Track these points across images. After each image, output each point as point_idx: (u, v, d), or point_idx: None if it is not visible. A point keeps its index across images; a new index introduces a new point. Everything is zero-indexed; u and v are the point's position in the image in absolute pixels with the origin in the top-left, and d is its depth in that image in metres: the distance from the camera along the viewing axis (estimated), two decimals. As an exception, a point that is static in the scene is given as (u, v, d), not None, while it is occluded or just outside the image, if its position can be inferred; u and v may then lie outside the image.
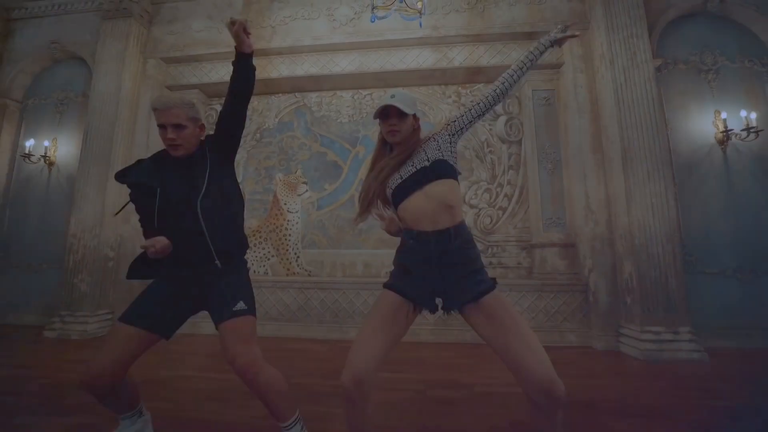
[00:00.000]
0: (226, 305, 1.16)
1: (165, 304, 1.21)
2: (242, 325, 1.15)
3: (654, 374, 2.20)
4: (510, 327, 0.96)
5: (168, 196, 1.19)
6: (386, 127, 1.14)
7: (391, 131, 1.12)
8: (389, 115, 1.12)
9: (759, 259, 2.91)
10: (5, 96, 3.90)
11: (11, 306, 3.63)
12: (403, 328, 1.06)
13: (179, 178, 1.22)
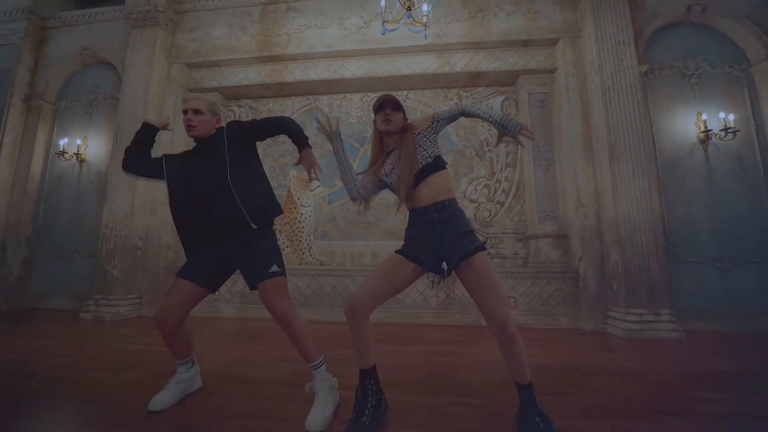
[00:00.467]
0: (263, 268, 1.43)
1: (209, 266, 1.48)
2: (278, 284, 1.42)
3: (635, 349, 2.45)
4: (488, 283, 1.24)
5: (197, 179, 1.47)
6: (382, 116, 1.37)
7: (386, 119, 1.36)
8: (385, 106, 1.38)
9: (737, 249, 3.15)
10: (40, 98, 4.21)
11: (46, 291, 3.93)
12: (405, 279, 1.31)
13: (206, 161, 1.49)
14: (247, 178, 1.47)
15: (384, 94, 1.42)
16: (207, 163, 1.48)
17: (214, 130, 1.55)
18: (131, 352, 2.33)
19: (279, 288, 1.43)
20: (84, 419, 1.38)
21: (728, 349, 2.43)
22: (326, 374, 1.47)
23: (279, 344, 2.55)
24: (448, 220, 1.30)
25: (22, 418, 1.38)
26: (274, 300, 1.39)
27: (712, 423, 1.35)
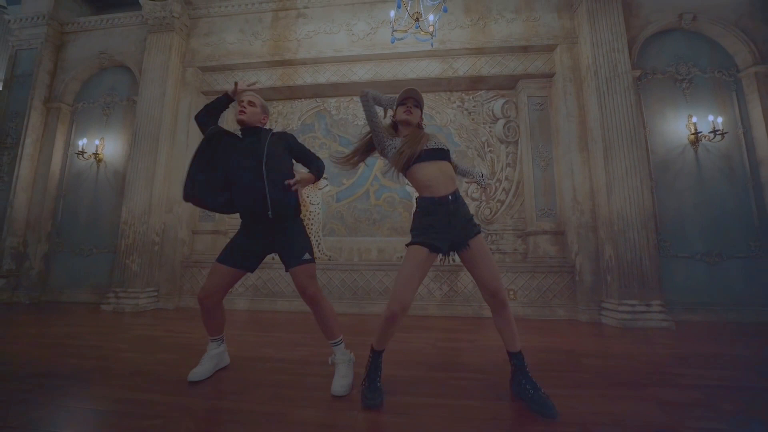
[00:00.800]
0: (296, 255, 1.61)
1: (246, 250, 1.65)
2: (309, 269, 1.61)
3: (626, 336, 2.63)
4: (483, 258, 1.44)
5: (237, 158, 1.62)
6: (405, 108, 1.54)
7: (407, 110, 1.54)
8: (407, 101, 1.56)
9: (724, 245, 3.33)
10: (60, 101, 4.39)
11: (66, 285, 4.11)
12: (427, 270, 1.49)
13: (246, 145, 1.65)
14: (278, 172, 1.64)
15: (409, 88, 1.58)
16: (247, 147, 1.65)
17: (260, 124, 1.74)
18: (158, 338, 2.51)
19: (310, 272, 1.61)
20: (137, 387, 1.56)
21: (714, 337, 2.61)
22: (345, 350, 1.64)
23: (294, 332, 2.73)
24: (458, 209, 1.47)
25: (84, 385, 1.56)
26: (306, 282, 1.58)
27: (689, 391, 1.53)
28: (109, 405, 1.39)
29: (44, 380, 1.64)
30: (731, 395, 1.49)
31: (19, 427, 1.22)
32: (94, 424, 1.26)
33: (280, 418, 1.29)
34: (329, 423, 1.27)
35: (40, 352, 2.09)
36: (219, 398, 1.47)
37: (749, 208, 3.37)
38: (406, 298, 1.38)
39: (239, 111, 1.68)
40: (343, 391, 1.46)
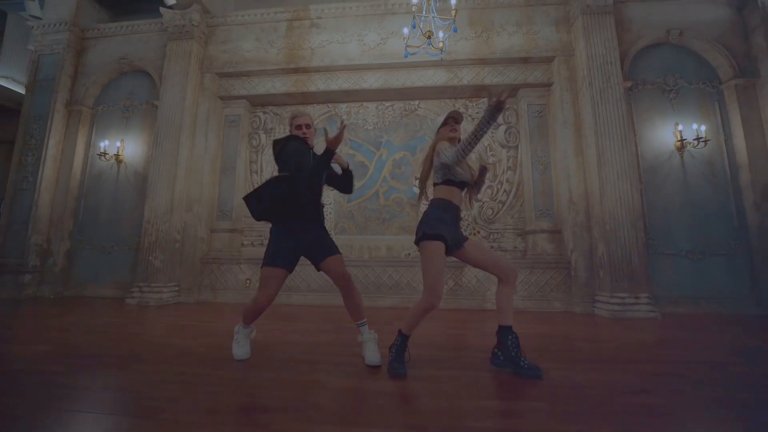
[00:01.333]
0: (331, 247, 1.86)
1: (290, 251, 1.88)
2: (342, 259, 1.86)
3: (616, 325, 2.90)
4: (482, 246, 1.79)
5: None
6: (449, 128, 1.82)
7: (453, 129, 1.83)
8: (449, 121, 1.83)
9: (707, 243, 3.62)
10: (81, 104, 4.58)
11: (88, 280, 4.30)
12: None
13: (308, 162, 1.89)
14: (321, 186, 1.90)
15: (454, 111, 1.87)
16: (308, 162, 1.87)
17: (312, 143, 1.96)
18: (191, 326, 2.74)
19: (343, 262, 1.87)
20: (189, 364, 1.78)
21: (695, 326, 2.89)
22: (369, 330, 1.87)
23: (313, 322, 2.98)
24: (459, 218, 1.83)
25: (142, 364, 1.79)
26: (344, 269, 1.82)
27: (666, 366, 1.79)
28: (170, 377, 1.62)
29: (108, 359, 1.86)
30: (702, 369, 1.76)
31: (101, 390, 1.45)
32: (163, 390, 1.49)
33: (322, 385, 1.53)
34: (364, 388, 1.51)
35: (89, 339, 2.31)
36: (264, 371, 1.70)
37: (729, 209, 3.67)
38: (441, 290, 1.66)
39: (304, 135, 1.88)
40: (378, 361, 1.73)
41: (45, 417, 1.20)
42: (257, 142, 4.62)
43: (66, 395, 1.39)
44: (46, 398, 1.35)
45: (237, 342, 1.89)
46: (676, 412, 1.25)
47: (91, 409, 1.28)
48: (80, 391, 1.44)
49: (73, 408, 1.28)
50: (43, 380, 1.54)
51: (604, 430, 1.12)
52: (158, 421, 1.17)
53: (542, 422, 1.18)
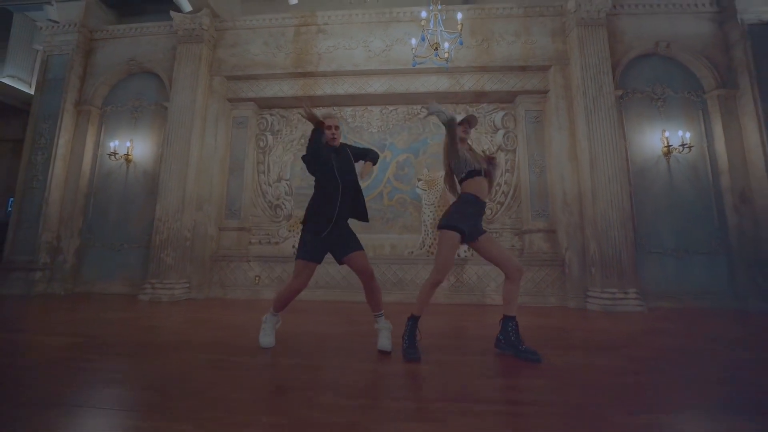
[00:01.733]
0: (355, 243, 2.02)
1: (321, 246, 2.03)
2: (365, 255, 2.03)
3: (607, 317, 3.13)
4: (494, 242, 1.96)
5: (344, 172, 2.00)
6: (465, 131, 2.00)
7: (465, 130, 2.00)
8: (463, 123, 2.00)
9: (690, 242, 3.88)
10: (90, 104, 4.66)
11: (97, 277, 4.39)
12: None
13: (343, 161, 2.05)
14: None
15: (471, 115, 2.03)
16: (345, 162, 2.04)
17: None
18: (207, 320, 2.88)
19: (366, 258, 2.03)
20: (220, 351, 1.94)
21: (679, 319, 3.13)
22: (385, 320, 2.04)
23: (324, 315, 3.14)
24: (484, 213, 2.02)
25: (176, 352, 1.93)
26: (367, 263, 1.99)
27: (651, 351, 2.01)
28: (204, 363, 1.77)
29: (139, 349, 2.01)
30: (684, 353, 1.98)
31: (146, 374, 1.60)
32: (203, 373, 1.64)
33: (345, 368, 1.70)
34: (382, 370, 1.69)
35: (115, 331, 2.44)
36: (289, 358, 1.86)
37: (711, 211, 3.93)
38: (447, 270, 1.90)
39: (332, 137, 2.04)
40: (389, 347, 1.91)
41: (102, 398, 1.35)
42: (264, 143, 4.75)
43: (112, 380, 1.54)
44: (96, 381, 1.50)
45: (264, 331, 2.05)
46: (661, 387, 1.46)
47: (141, 390, 1.43)
48: (124, 375, 1.59)
49: (122, 393, 1.43)
50: (83, 366, 1.68)
51: (600, 401, 1.32)
52: (207, 399, 1.32)
53: (544, 394, 1.38)
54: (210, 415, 1.17)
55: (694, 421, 1.15)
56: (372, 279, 2.00)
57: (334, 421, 1.14)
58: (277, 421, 1.14)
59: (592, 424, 1.13)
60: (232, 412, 1.19)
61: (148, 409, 1.22)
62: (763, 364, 1.80)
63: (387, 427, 1.11)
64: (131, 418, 1.15)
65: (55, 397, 1.31)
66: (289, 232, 4.54)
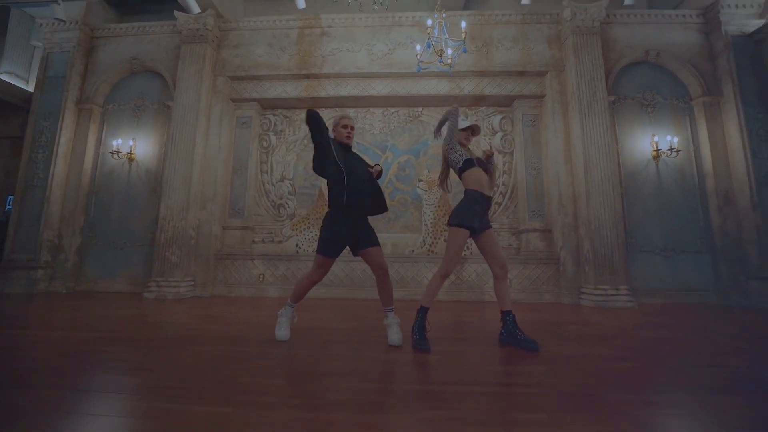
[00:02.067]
0: (373, 238, 2.10)
1: (340, 241, 2.12)
2: (381, 252, 2.11)
3: (600, 313, 3.29)
4: (495, 241, 2.08)
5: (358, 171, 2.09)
6: (467, 138, 2.15)
7: (467, 137, 2.16)
8: (474, 132, 2.16)
9: (677, 242, 4.09)
10: (91, 102, 4.65)
11: (100, 276, 4.40)
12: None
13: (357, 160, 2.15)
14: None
15: (475, 124, 2.19)
16: (359, 162, 2.14)
17: None
18: (217, 316, 2.95)
19: (382, 253, 2.12)
20: (241, 344, 2.02)
21: (667, 313, 3.32)
22: (394, 315, 2.13)
23: (331, 312, 3.24)
24: (489, 207, 2.14)
25: (200, 343, 2.01)
26: (383, 259, 2.08)
27: (641, 342, 2.17)
28: (226, 354, 1.86)
29: (159, 342, 2.08)
30: (671, 343, 2.14)
31: (173, 364, 1.68)
32: (228, 363, 1.73)
33: (361, 358, 1.81)
34: (396, 359, 1.80)
35: (130, 326, 2.50)
36: (306, 349, 1.96)
37: (697, 212, 4.15)
38: (455, 264, 2.04)
39: (348, 137, 2.16)
40: (399, 341, 2.01)
41: (132, 384, 1.44)
42: (267, 143, 4.82)
43: (139, 368, 1.62)
44: (124, 370, 1.58)
45: (280, 324, 2.14)
46: (652, 372, 1.60)
47: (172, 377, 1.52)
48: (150, 364, 1.67)
49: (152, 382, 1.52)
50: (108, 357, 1.76)
51: (597, 383, 1.45)
52: (238, 384, 1.42)
53: (545, 378, 1.51)
54: (244, 398, 1.27)
55: (682, 399, 1.29)
56: (386, 275, 2.09)
57: (359, 401, 1.25)
58: (307, 402, 1.25)
59: (592, 401, 1.26)
60: (264, 395, 1.29)
61: (181, 394, 1.31)
62: (742, 352, 1.97)
63: (406, 406, 1.22)
64: (167, 402, 1.23)
65: (92, 384, 1.39)
66: (292, 231, 4.62)
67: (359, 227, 2.10)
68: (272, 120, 4.87)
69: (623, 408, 1.19)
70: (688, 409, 1.20)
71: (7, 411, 1.14)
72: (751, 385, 1.46)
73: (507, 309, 2.05)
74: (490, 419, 1.13)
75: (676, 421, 1.12)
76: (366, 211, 2.13)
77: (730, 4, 4.24)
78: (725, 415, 1.15)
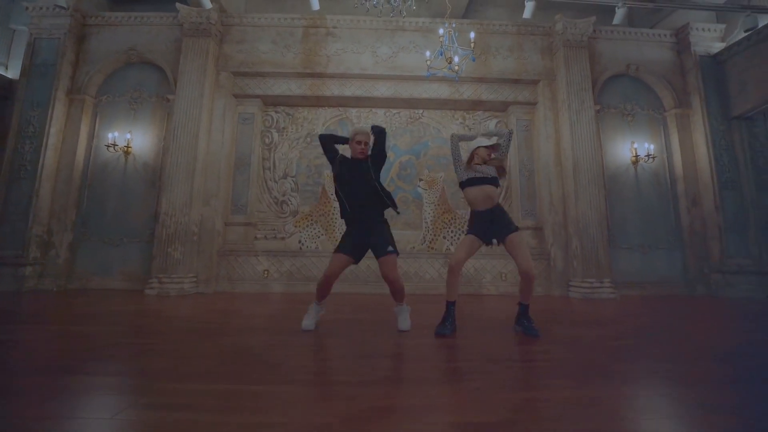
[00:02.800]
0: (382, 249, 2.22)
1: (354, 244, 2.26)
2: (390, 259, 2.21)
3: (586, 303, 3.62)
4: (516, 249, 2.20)
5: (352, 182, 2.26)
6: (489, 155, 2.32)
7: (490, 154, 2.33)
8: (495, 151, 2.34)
9: (652, 239, 4.53)
10: (83, 93, 4.48)
11: (94, 273, 4.26)
12: (477, 249, 2.25)
13: (359, 173, 2.29)
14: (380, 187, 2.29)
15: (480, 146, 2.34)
16: (361, 174, 2.26)
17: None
18: (230, 311, 2.99)
19: (391, 262, 2.22)
20: (261, 334, 2.11)
21: (645, 302, 3.70)
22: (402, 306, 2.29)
23: (341, 305, 3.36)
24: (494, 217, 2.26)
25: (221, 336, 2.08)
26: (386, 270, 2.18)
27: (622, 327, 2.46)
28: (261, 341, 1.95)
29: (185, 334, 2.13)
30: (652, 325, 2.45)
31: (219, 355, 1.77)
32: (266, 348, 1.82)
33: (378, 344, 1.95)
34: (419, 343, 1.97)
35: (147, 321, 2.52)
36: (328, 338, 2.08)
37: (669, 213, 4.61)
38: (458, 257, 2.20)
39: (360, 152, 2.28)
40: (407, 327, 2.20)
41: (186, 368, 1.52)
42: (270, 140, 4.83)
43: (180, 364, 1.69)
44: (164, 355, 1.65)
45: (308, 315, 2.26)
46: (642, 347, 1.86)
47: (225, 362, 1.60)
48: (193, 352, 1.74)
49: (210, 368, 1.60)
50: (142, 348, 1.81)
51: (602, 357, 1.69)
52: (287, 367, 1.53)
53: (556, 353, 1.72)
54: (304, 378, 1.39)
55: (673, 366, 1.55)
56: (392, 284, 2.19)
57: (399, 377, 1.40)
58: (358, 379, 1.38)
59: (605, 370, 1.48)
60: (319, 375, 1.42)
61: (239, 377, 1.41)
62: (707, 332, 2.30)
63: (438, 378, 1.39)
64: (226, 383, 1.33)
65: (144, 370, 1.45)
66: (295, 228, 4.67)
67: (372, 234, 2.24)
68: (274, 117, 4.88)
69: (631, 374, 1.42)
70: (678, 374, 1.44)
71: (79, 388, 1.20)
72: (726, 356, 1.75)
73: (520, 301, 2.25)
74: (527, 384, 1.32)
75: (670, 380, 1.36)
76: (371, 217, 2.25)
77: (698, 27, 4.73)
78: (708, 377, 1.41)
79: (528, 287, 2.24)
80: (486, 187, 2.28)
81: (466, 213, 4.67)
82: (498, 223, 2.23)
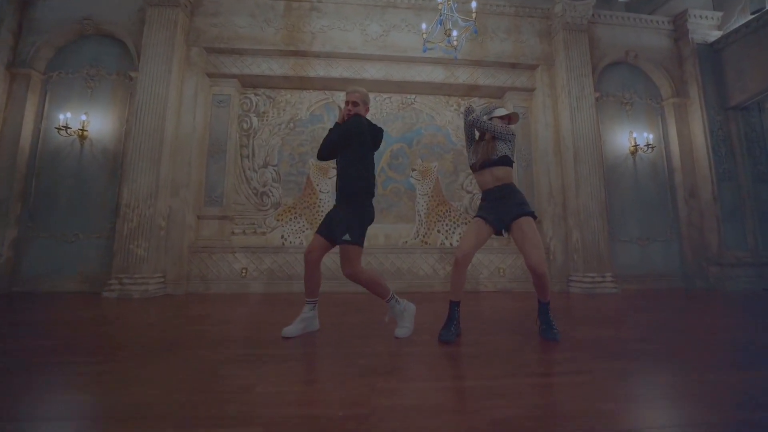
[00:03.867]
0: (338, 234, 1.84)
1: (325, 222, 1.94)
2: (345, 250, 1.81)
3: (588, 299, 3.43)
4: (527, 235, 1.88)
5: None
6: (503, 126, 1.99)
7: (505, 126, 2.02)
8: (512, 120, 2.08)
9: (651, 232, 4.41)
10: (29, 67, 3.90)
11: (44, 274, 3.73)
12: (485, 237, 1.95)
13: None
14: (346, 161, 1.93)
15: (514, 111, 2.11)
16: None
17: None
18: (204, 317, 2.59)
19: (346, 254, 1.80)
20: (246, 347, 1.76)
21: (648, 297, 3.54)
22: (395, 303, 1.93)
23: (329, 307, 3.02)
24: (503, 195, 1.95)
25: (208, 348, 1.71)
26: (341, 263, 1.84)
27: (623, 322, 2.24)
28: (239, 356, 1.60)
29: (158, 346, 1.74)
30: (644, 322, 2.24)
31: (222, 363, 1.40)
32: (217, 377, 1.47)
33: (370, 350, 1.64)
34: (400, 351, 1.66)
35: (112, 331, 2.10)
36: (313, 346, 1.74)
37: (667, 204, 4.50)
38: (463, 247, 1.88)
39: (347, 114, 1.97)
40: (405, 334, 1.86)
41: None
42: (248, 125, 4.39)
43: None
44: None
45: (296, 320, 1.94)
46: (675, 352, 1.63)
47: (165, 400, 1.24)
48: (199, 362, 1.37)
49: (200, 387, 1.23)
50: (81, 371, 1.42)
51: (627, 361, 1.43)
52: (257, 394, 1.19)
53: (587, 362, 1.46)
54: (273, 413, 1.05)
55: (697, 356, 1.31)
56: (352, 278, 1.85)
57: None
58: (345, 414, 1.06)
59: (643, 390, 1.22)
60: (294, 407, 1.08)
61: (192, 419, 1.06)
62: (710, 325, 2.11)
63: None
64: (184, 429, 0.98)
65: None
66: (278, 222, 4.27)
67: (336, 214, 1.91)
68: (254, 100, 4.44)
69: (674, 378, 1.17)
70: (723, 378, 1.20)
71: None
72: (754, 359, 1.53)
73: (542, 300, 1.94)
74: (576, 409, 1.03)
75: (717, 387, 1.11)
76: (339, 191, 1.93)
77: (696, 14, 4.61)
78: (743, 385, 1.17)
79: (540, 284, 1.94)
80: (495, 170, 1.99)
81: (461, 205, 4.41)
82: (507, 203, 1.91)
